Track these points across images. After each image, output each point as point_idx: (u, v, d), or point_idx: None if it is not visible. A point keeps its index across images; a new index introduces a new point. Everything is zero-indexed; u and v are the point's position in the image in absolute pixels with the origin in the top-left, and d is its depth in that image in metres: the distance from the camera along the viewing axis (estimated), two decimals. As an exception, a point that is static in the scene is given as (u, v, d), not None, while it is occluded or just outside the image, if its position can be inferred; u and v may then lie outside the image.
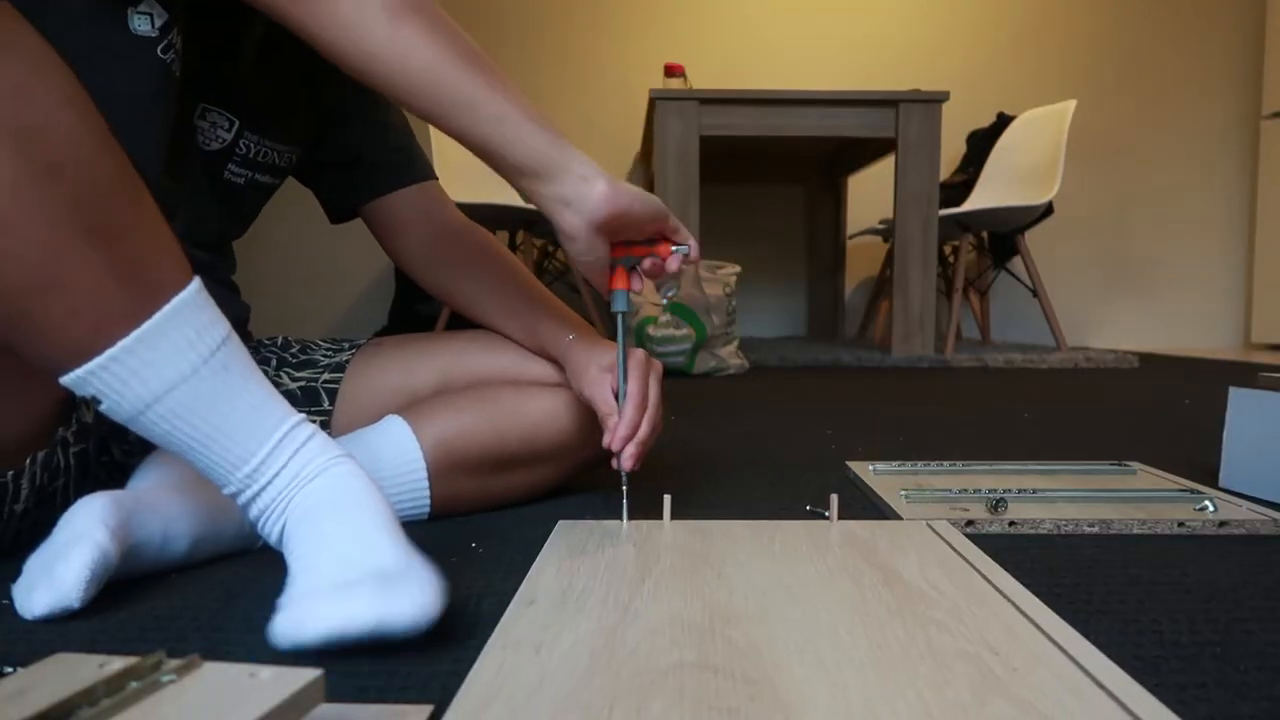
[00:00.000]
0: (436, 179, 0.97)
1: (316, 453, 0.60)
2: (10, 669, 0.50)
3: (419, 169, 0.95)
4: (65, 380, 0.55)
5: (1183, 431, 1.44)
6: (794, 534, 0.75)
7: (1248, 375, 1.02)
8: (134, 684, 0.34)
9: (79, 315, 0.53)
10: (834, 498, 0.80)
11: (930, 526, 0.77)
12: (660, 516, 0.80)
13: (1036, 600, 0.58)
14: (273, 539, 0.60)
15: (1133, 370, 2.75)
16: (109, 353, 0.54)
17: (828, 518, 0.81)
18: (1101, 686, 0.45)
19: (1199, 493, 0.91)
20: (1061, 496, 0.90)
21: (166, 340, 0.55)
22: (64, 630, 0.57)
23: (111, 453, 0.79)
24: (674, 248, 0.75)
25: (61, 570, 0.57)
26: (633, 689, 0.44)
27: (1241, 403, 0.97)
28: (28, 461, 0.69)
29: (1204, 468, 1.10)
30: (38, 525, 0.73)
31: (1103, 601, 0.63)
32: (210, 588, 0.65)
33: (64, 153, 0.51)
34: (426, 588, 0.51)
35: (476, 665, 0.47)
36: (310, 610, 0.50)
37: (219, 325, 0.58)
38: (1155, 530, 0.81)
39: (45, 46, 0.52)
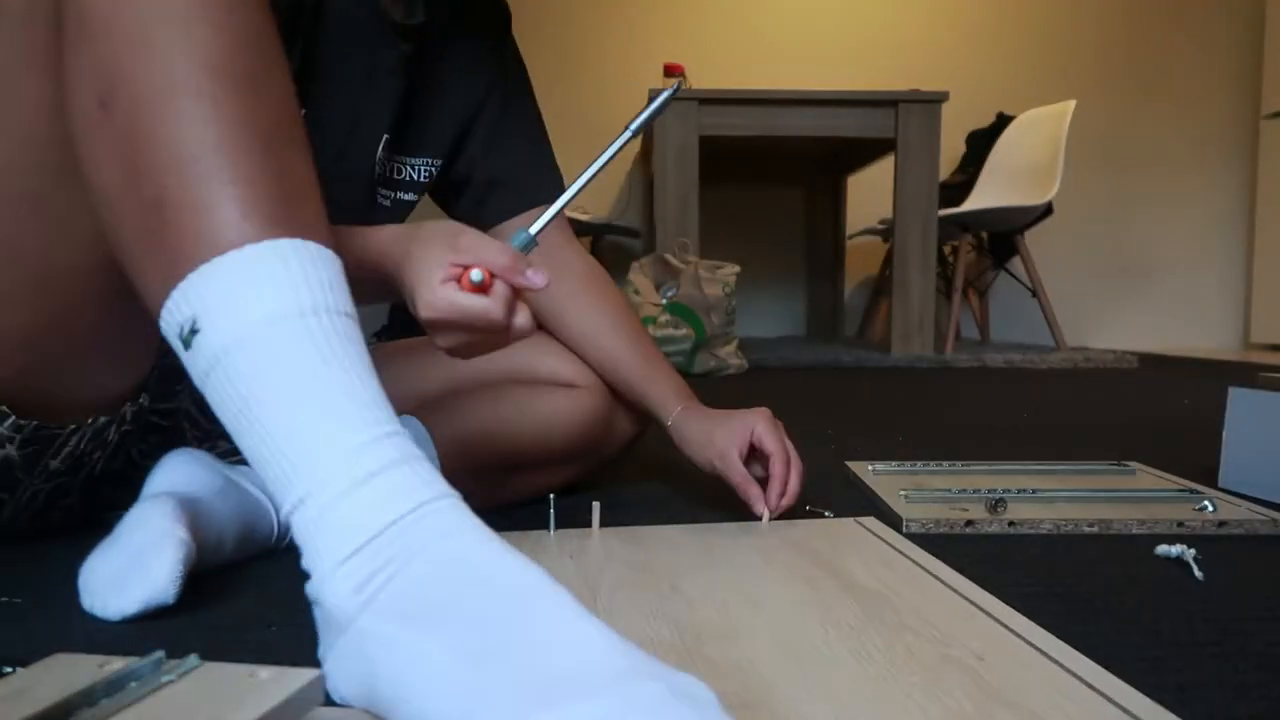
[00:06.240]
0: None
1: (426, 475, 0.45)
2: (10, 669, 0.50)
3: (549, 192, 0.92)
4: (172, 301, 0.45)
5: (1183, 431, 1.44)
6: (730, 536, 0.75)
7: (1248, 375, 1.02)
8: (133, 684, 0.34)
9: (213, 209, 0.45)
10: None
11: (860, 524, 0.77)
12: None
13: (979, 589, 0.60)
14: (350, 589, 0.41)
15: (1132, 370, 2.75)
16: (233, 253, 0.44)
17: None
18: (1092, 688, 0.45)
19: (1198, 493, 0.91)
20: (1061, 496, 0.90)
21: (287, 266, 0.45)
22: (64, 630, 0.57)
23: (129, 453, 0.79)
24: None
25: (156, 567, 0.58)
26: None
27: (1241, 403, 0.97)
28: (89, 421, 0.69)
29: (1204, 468, 1.10)
30: (52, 495, 0.73)
31: (1103, 601, 0.63)
32: (210, 588, 0.65)
33: (263, 61, 0.48)
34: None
35: None
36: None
37: (336, 292, 0.47)
38: (1155, 530, 0.81)
39: None
